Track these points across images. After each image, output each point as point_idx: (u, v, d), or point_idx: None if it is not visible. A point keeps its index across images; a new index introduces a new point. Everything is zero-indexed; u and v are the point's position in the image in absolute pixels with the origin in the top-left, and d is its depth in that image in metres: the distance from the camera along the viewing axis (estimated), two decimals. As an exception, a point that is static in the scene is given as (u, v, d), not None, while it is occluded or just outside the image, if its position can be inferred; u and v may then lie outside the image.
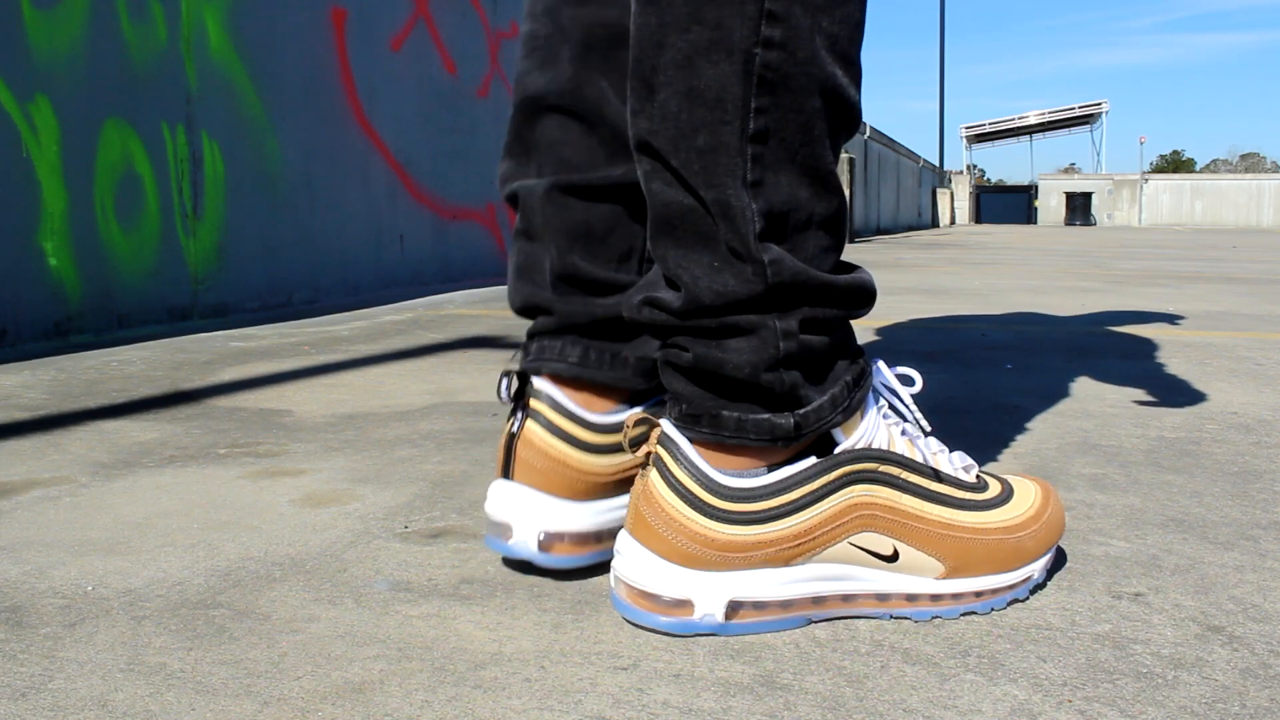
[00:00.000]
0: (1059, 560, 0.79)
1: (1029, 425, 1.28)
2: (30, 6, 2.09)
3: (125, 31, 2.33)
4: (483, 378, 1.65)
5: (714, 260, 0.63)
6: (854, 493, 0.67)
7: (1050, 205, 26.93)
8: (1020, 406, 1.40)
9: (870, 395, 0.69)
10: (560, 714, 0.55)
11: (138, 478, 1.04)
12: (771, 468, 0.67)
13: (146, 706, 0.56)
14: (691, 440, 0.66)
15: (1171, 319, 2.56)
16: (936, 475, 0.70)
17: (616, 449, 0.75)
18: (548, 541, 0.73)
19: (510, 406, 0.75)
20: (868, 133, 13.81)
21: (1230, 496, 0.97)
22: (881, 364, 0.72)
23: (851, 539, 0.67)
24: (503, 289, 3.48)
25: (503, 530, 0.74)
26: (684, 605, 0.65)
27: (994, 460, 1.10)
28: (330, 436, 1.22)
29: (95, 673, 0.60)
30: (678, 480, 0.65)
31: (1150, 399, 1.46)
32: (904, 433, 0.70)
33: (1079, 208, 26.41)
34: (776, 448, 0.66)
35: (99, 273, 2.26)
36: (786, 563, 0.66)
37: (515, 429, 0.74)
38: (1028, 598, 0.72)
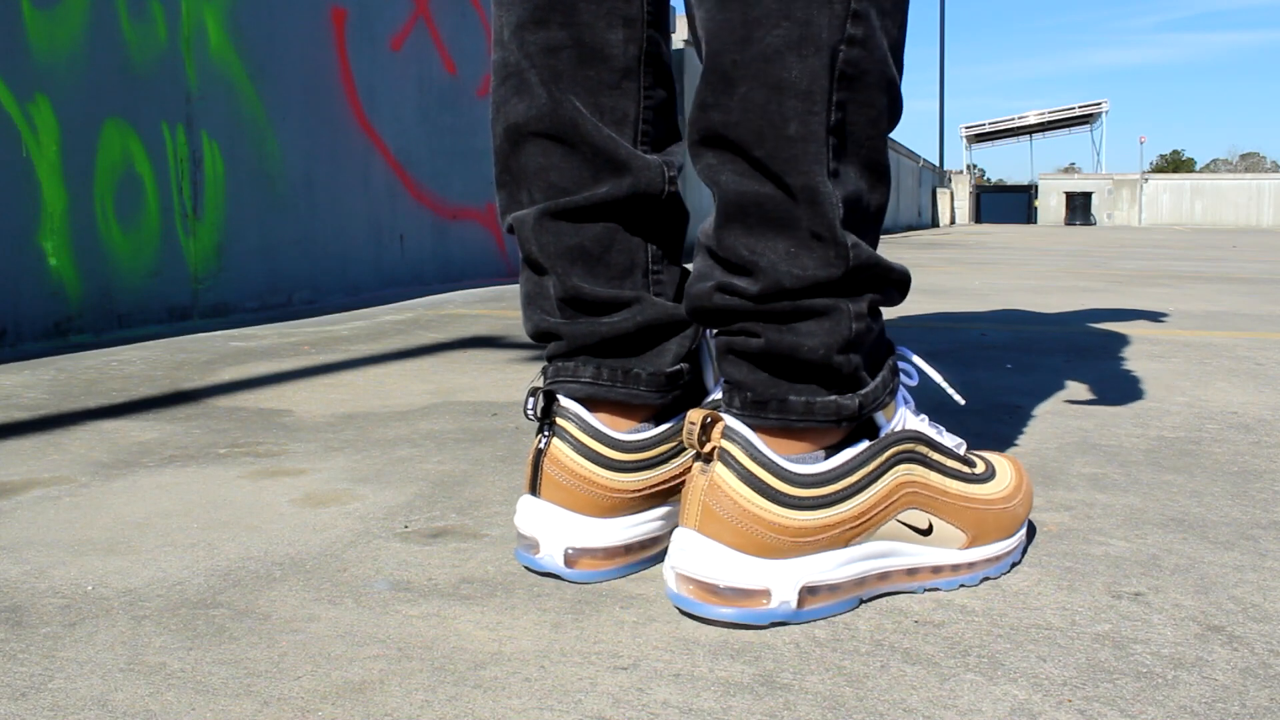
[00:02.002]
0: (1061, 560, 0.79)
1: (1029, 425, 1.28)
2: (30, 6, 2.09)
3: (125, 31, 2.33)
4: (483, 378, 1.65)
5: (790, 246, 0.65)
6: (899, 472, 0.71)
7: (1050, 205, 26.92)
8: (1020, 406, 1.40)
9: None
10: (560, 714, 0.55)
11: (138, 478, 1.04)
12: (828, 452, 0.70)
13: (146, 706, 0.56)
14: (755, 428, 0.68)
15: (1161, 317, 2.57)
16: (950, 453, 0.74)
17: (642, 466, 0.76)
18: (574, 557, 0.74)
19: (537, 423, 0.76)
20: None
21: (1230, 496, 0.97)
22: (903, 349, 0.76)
23: (899, 516, 0.71)
24: (502, 288, 3.48)
25: (531, 545, 0.75)
26: (760, 595, 0.66)
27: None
28: (330, 436, 1.22)
29: (95, 673, 0.60)
30: (749, 471, 0.66)
31: (1150, 399, 1.46)
32: (916, 413, 0.75)
33: (1079, 207, 26.39)
34: (839, 429, 0.69)
35: (99, 273, 2.26)
36: (845, 544, 0.69)
37: (542, 445, 0.75)
38: (1020, 560, 0.78)
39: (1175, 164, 70.03)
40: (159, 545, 0.83)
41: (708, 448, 0.67)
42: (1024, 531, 0.78)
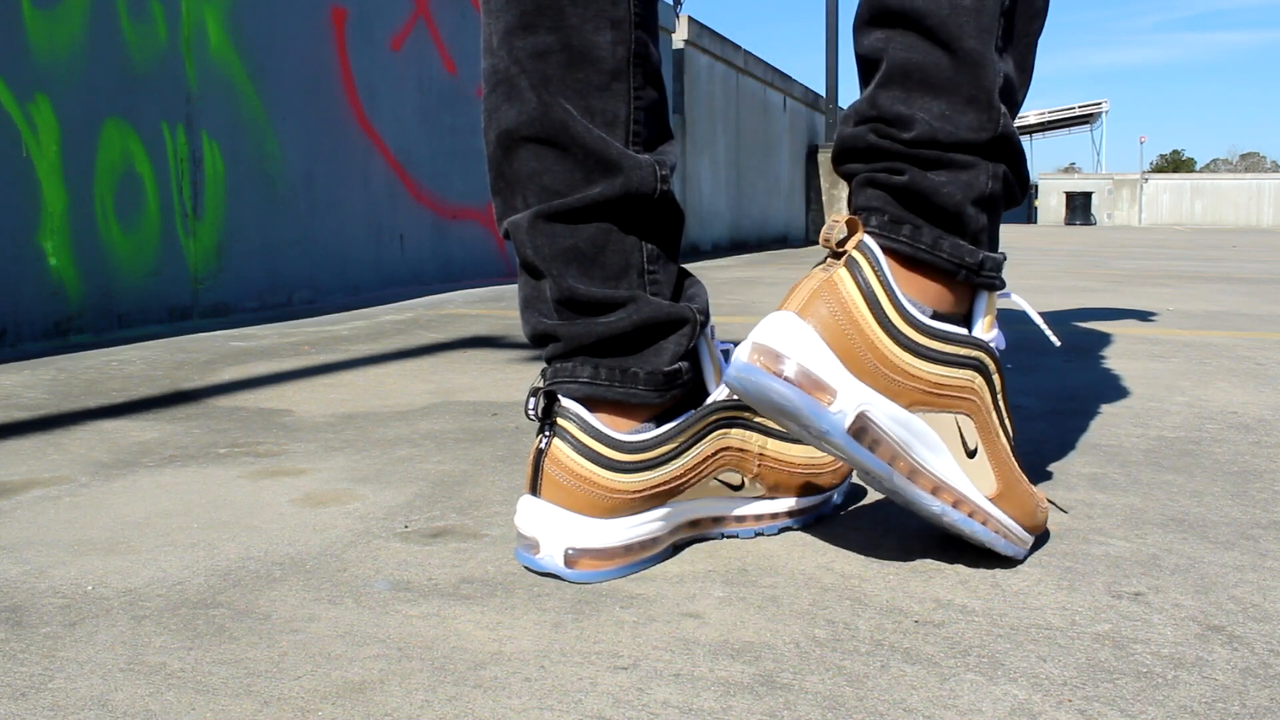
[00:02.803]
0: (1061, 560, 0.79)
1: (1029, 425, 1.28)
2: (30, 6, 2.09)
3: (125, 31, 2.33)
4: (483, 377, 1.65)
5: (946, 108, 0.71)
6: (976, 381, 0.73)
7: (1050, 205, 26.91)
8: (1020, 406, 1.40)
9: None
10: (560, 714, 0.55)
11: (138, 477, 1.04)
12: (936, 315, 0.73)
13: (146, 706, 0.56)
14: (887, 250, 0.71)
15: (1161, 317, 2.56)
16: (1009, 416, 0.78)
17: (643, 467, 0.76)
18: (574, 557, 0.74)
19: (538, 424, 0.76)
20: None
21: (1230, 496, 0.97)
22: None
23: (957, 416, 0.73)
24: (502, 288, 3.48)
25: (531, 545, 0.75)
26: (826, 392, 0.68)
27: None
28: (330, 436, 1.22)
29: (95, 672, 0.60)
30: (872, 289, 0.69)
31: (1150, 399, 1.46)
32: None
33: (1079, 207, 26.38)
34: (955, 282, 0.74)
35: (99, 273, 2.26)
36: (911, 404, 0.71)
37: (543, 445, 0.76)
38: (1023, 558, 0.78)
39: (1175, 164, 69.92)
40: (159, 545, 0.83)
41: (842, 249, 0.70)
42: (1032, 539, 0.78)
